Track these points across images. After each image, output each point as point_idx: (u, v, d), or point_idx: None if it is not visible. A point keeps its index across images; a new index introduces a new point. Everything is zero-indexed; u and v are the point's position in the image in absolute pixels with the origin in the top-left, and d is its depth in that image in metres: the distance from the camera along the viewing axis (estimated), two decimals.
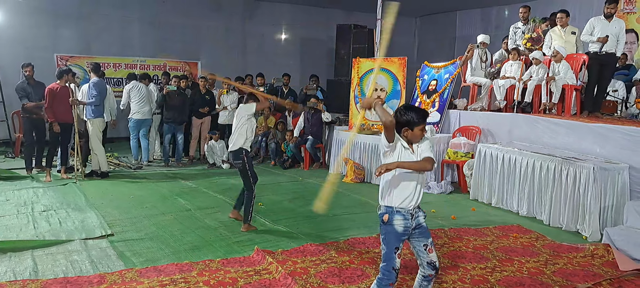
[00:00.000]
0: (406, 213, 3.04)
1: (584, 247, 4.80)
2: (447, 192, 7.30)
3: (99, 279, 3.82)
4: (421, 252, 3.12)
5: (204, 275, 3.92)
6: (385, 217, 3.06)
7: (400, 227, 3.02)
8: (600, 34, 7.18)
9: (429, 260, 3.10)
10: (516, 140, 7.16)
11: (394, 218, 3.03)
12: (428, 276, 3.14)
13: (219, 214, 5.82)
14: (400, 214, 3.03)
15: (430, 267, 3.11)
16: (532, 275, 4.11)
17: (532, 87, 7.76)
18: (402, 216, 3.03)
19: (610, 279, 4.05)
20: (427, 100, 8.85)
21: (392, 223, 3.03)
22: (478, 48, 8.87)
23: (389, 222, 3.04)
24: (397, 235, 3.03)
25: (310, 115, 9.33)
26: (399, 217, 3.03)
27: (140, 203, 6.31)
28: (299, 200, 6.70)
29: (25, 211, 5.79)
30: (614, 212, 5.48)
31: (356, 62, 9.25)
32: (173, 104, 9.07)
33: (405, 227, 3.03)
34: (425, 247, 3.10)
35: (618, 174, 5.52)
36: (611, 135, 6.00)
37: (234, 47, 13.54)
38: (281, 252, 4.50)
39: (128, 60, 12.07)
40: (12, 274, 3.91)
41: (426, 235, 3.12)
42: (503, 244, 4.93)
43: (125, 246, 4.66)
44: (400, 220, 3.03)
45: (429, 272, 3.12)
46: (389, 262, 3.03)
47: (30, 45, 10.85)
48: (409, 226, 3.05)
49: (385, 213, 3.07)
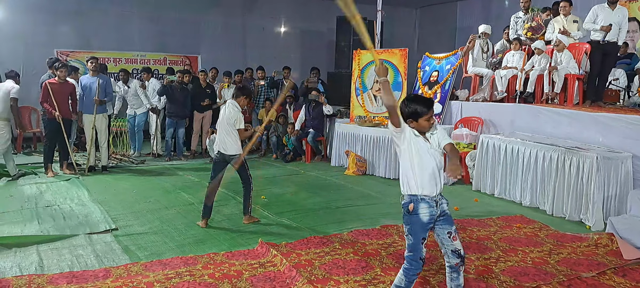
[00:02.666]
0: (430, 200, 2.99)
1: (587, 237, 4.80)
2: (449, 184, 7.29)
3: (105, 273, 3.83)
4: (445, 240, 3.06)
5: (209, 268, 3.93)
6: (410, 206, 2.99)
7: (426, 216, 2.97)
8: (603, 22, 7.15)
9: (454, 248, 3.04)
10: (519, 130, 7.15)
11: (419, 207, 2.97)
12: (454, 266, 3.07)
13: (222, 208, 5.82)
14: (425, 202, 2.98)
15: (454, 255, 3.05)
16: (536, 265, 4.12)
17: (534, 77, 7.74)
18: (427, 204, 2.98)
19: (614, 268, 4.06)
20: (428, 91, 8.83)
21: (418, 213, 2.97)
22: (479, 38, 8.84)
23: (414, 212, 2.98)
24: (423, 224, 2.97)
25: (312, 108, 9.32)
26: (424, 205, 2.97)
27: (143, 197, 6.32)
28: (302, 193, 6.71)
29: (29, 207, 5.80)
30: (618, 201, 5.49)
31: (357, 53, 9.23)
32: (175, 98, 9.07)
33: (430, 216, 2.98)
34: (449, 235, 3.04)
35: (621, 163, 5.52)
36: (614, 124, 6.00)
37: (234, 41, 13.49)
38: (285, 244, 4.51)
39: (128, 55, 12.04)
40: (18, 269, 3.92)
41: (450, 222, 3.07)
42: (506, 235, 4.94)
43: (129, 240, 4.67)
44: (426, 208, 2.97)
45: (454, 260, 3.06)
46: (415, 252, 2.98)
47: (30, 41, 10.82)
48: (434, 214, 2.99)
49: (410, 203, 3.00)
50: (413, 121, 3.02)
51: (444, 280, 3.74)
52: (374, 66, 3.19)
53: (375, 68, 3.07)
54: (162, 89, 9.12)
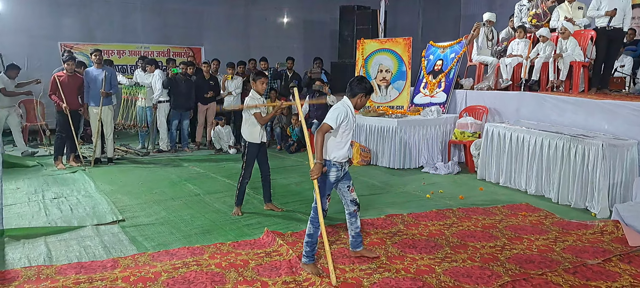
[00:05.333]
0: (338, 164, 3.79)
1: (593, 224, 4.80)
2: (454, 173, 7.30)
3: (113, 263, 3.86)
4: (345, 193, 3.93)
5: (215, 258, 3.96)
6: (324, 169, 3.79)
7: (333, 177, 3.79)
8: (608, 7, 7.11)
9: (352, 198, 3.92)
10: (524, 118, 7.13)
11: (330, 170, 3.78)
12: (353, 212, 3.92)
13: (228, 198, 5.85)
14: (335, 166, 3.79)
15: (353, 203, 3.92)
16: (541, 253, 4.13)
17: (539, 64, 7.70)
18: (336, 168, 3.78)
19: (619, 255, 4.06)
20: (433, 80, 8.81)
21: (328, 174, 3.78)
22: (484, 26, 8.80)
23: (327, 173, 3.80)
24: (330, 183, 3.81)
25: (315, 98, 9.30)
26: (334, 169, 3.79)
27: (149, 189, 6.35)
28: (306, 183, 6.72)
29: (36, 199, 5.84)
30: (623, 189, 5.48)
31: (361, 43, 9.21)
32: (179, 90, 9.07)
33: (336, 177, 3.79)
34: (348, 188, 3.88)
35: (627, 150, 5.50)
36: (620, 111, 5.97)
37: (237, 32, 13.49)
38: (291, 234, 4.54)
39: (132, 47, 12.06)
40: (26, 260, 3.95)
41: (348, 178, 3.91)
42: (512, 223, 4.94)
43: (136, 231, 4.70)
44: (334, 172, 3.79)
45: (353, 208, 3.90)
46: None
47: (34, 33, 10.86)
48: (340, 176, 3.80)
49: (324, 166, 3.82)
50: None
51: (449, 268, 3.78)
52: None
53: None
54: (168, 81, 9.12)
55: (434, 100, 8.58)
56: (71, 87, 7.56)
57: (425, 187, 6.54)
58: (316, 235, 3.74)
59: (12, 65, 8.50)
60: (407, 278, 3.59)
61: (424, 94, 8.85)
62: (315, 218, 3.70)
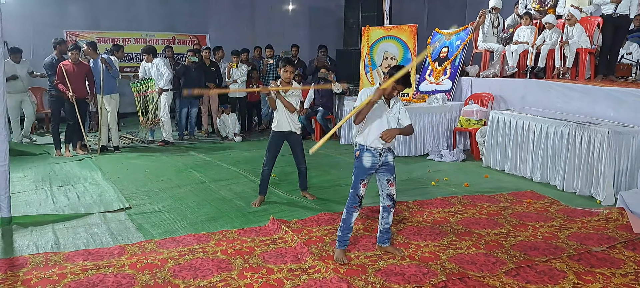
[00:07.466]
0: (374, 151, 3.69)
1: (598, 211, 4.80)
2: (459, 160, 7.30)
3: (120, 250, 3.90)
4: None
5: (221, 245, 4.00)
6: (357, 153, 3.72)
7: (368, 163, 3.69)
8: None
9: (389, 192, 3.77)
10: (529, 106, 7.11)
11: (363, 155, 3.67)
12: (387, 207, 3.81)
13: (233, 186, 5.89)
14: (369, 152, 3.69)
15: (388, 198, 3.78)
16: (546, 240, 4.14)
17: (545, 51, 7.66)
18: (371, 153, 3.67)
19: (624, 242, 4.07)
20: (438, 67, 8.77)
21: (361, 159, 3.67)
22: (490, 13, 8.74)
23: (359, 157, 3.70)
24: (365, 169, 3.70)
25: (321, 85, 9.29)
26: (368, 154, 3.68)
27: (155, 176, 6.39)
28: (312, 171, 6.70)
29: (43, 186, 5.89)
30: (629, 176, 5.47)
31: (366, 30, 9.15)
32: (192, 78, 9.01)
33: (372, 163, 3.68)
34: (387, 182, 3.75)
35: (632, 138, 5.48)
36: (626, 98, 5.94)
37: (242, 19, 13.43)
38: (296, 221, 4.57)
39: (137, 35, 12.06)
40: (34, 247, 4.00)
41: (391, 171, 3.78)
42: (517, 210, 4.95)
43: (143, 218, 4.74)
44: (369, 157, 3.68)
45: (388, 202, 3.79)
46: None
47: (39, 21, 10.86)
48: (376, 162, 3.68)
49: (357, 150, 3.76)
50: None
51: (454, 255, 3.79)
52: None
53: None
54: (182, 69, 9.10)
55: (440, 87, 8.55)
56: (77, 76, 7.59)
57: (430, 175, 6.54)
58: (349, 221, 3.72)
59: (14, 49, 8.46)
60: (412, 265, 3.62)
61: (429, 82, 8.82)
62: (349, 203, 3.71)
